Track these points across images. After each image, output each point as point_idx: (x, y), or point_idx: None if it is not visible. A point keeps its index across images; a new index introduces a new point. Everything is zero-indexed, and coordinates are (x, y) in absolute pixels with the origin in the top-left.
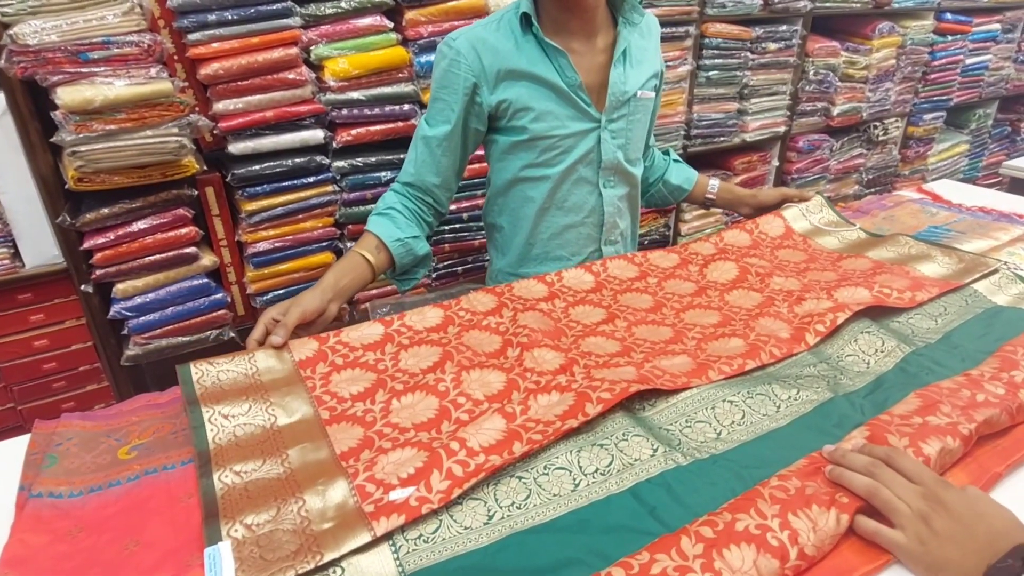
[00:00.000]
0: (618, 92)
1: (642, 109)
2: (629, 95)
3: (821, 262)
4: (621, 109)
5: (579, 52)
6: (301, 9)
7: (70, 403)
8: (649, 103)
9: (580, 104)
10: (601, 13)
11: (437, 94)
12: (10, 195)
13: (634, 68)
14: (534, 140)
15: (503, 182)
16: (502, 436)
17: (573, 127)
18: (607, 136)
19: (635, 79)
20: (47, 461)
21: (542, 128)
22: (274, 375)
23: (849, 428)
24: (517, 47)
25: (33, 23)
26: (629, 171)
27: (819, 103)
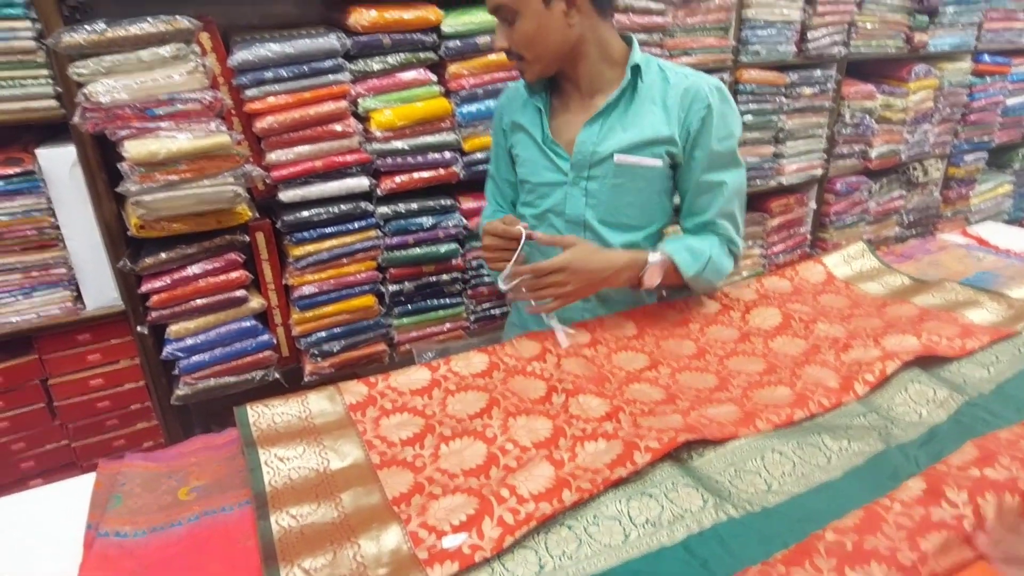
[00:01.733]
0: (584, 151)
1: (626, 175)
2: (601, 155)
3: (865, 308)
4: (593, 169)
5: (571, 109)
6: (351, 65)
7: (120, 441)
8: (641, 170)
9: (551, 156)
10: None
11: (494, 138)
12: (76, 241)
13: (620, 129)
14: (522, 182)
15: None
16: (551, 484)
17: (546, 176)
18: (575, 192)
19: (617, 139)
20: (113, 501)
21: (524, 172)
22: (326, 418)
23: (904, 480)
24: (523, 104)
25: (106, 82)
26: (604, 235)
27: (856, 145)
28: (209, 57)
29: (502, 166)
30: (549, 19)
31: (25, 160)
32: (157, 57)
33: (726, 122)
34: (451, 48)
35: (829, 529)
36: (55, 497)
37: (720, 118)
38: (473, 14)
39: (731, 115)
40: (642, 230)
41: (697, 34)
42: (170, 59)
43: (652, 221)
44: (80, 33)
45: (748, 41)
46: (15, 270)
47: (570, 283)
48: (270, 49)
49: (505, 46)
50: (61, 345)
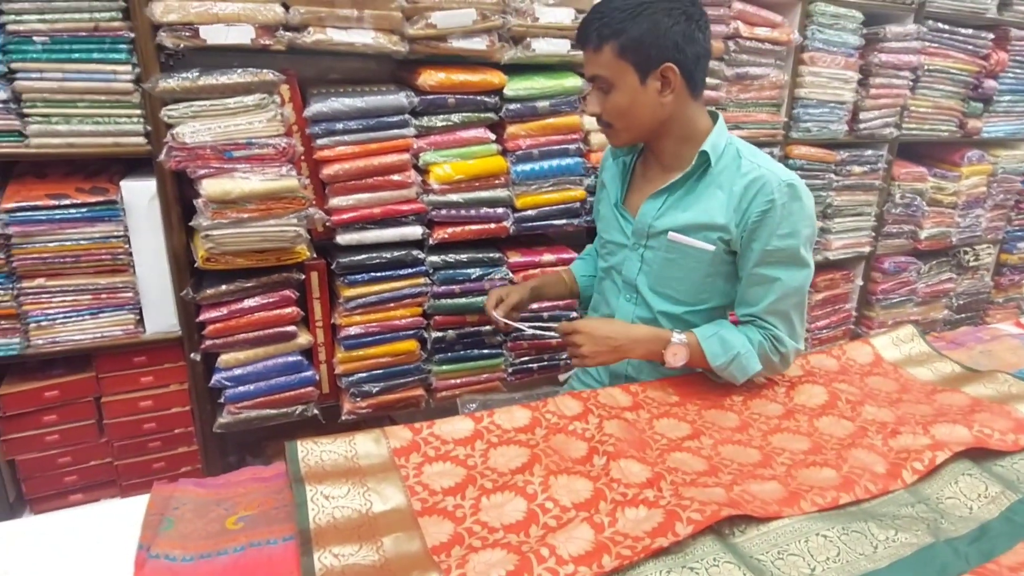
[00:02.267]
0: (644, 221)
1: (677, 252)
2: (657, 229)
3: (915, 394)
4: (650, 240)
5: (648, 178)
6: (415, 121)
7: (160, 463)
8: (691, 250)
9: (619, 220)
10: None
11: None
12: (144, 268)
13: (680, 208)
14: (600, 236)
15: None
16: (591, 547)
17: (614, 236)
18: (633, 256)
19: (674, 218)
20: (165, 523)
21: (600, 227)
22: (371, 460)
23: None
24: (615, 162)
25: (193, 124)
26: (652, 302)
27: (906, 226)
28: (287, 107)
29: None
30: (644, 96)
31: (110, 190)
32: (241, 105)
33: (791, 220)
34: (511, 110)
35: None
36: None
37: (784, 214)
38: (534, 80)
39: (799, 213)
40: (690, 306)
41: (750, 109)
42: (253, 107)
43: (701, 299)
44: (175, 79)
45: (799, 119)
46: (86, 291)
47: (584, 345)
48: (343, 103)
49: (597, 112)
50: (118, 365)
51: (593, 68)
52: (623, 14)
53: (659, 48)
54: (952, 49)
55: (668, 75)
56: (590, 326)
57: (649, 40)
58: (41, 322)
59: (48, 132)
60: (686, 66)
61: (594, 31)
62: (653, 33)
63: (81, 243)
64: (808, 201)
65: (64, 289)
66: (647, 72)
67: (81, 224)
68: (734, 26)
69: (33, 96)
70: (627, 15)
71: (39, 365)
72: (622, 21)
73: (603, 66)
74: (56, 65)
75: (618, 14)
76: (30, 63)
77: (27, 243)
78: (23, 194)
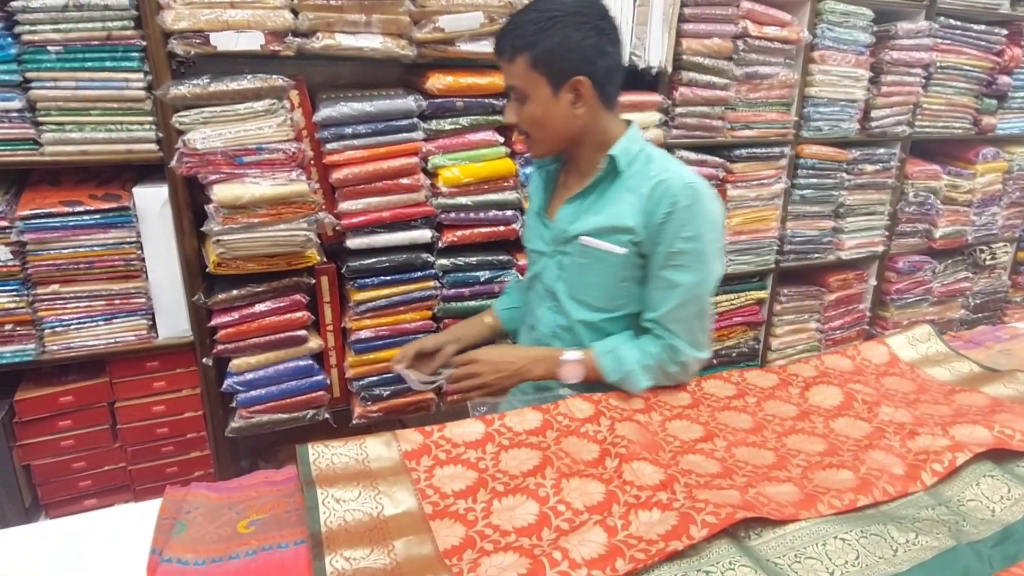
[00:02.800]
0: (559, 227)
1: (590, 256)
2: (570, 234)
3: (932, 394)
4: (564, 246)
5: (568, 183)
6: (424, 124)
7: (173, 468)
8: (603, 254)
9: (540, 227)
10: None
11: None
12: (157, 274)
13: (591, 212)
14: (524, 243)
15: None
16: (604, 550)
17: (535, 243)
18: (551, 264)
19: (585, 222)
20: (177, 527)
21: (524, 236)
22: (382, 463)
23: None
24: (538, 171)
25: (204, 131)
26: (570, 309)
27: (920, 224)
28: (296, 112)
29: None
30: (556, 107)
31: (123, 197)
32: (251, 110)
33: (695, 222)
34: None
35: None
36: (117, 520)
37: (688, 216)
38: None
39: (702, 216)
40: (607, 312)
41: (759, 108)
42: (262, 113)
43: (617, 305)
44: (186, 86)
45: (810, 117)
46: (100, 297)
47: (482, 374)
48: (352, 107)
49: (514, 121)
50: (131, 370)
51: (508, 79)
52: (535, 27)
53: (570, 61)
54: (965, 45)
55: (579, 88)
56: (487, 354)
57: (560, 53)
58: (56, 328)
59: (62, 140)
60: (597, 78)
61: (508, 43)
62: (564, 46)
63: (95, 249)
64: (712, 204)
65: (78, 295)
66: (559, 84)
67: (94, 230)
68: (743, 25)
69: (47, 105)
70: (539, 28)
71: (54, 371)
72: (534, 34)
73: (517, 77)
74: (70, 74)
75: (531, 27)
76: (44, 72)
77: (42, 250)
78: (38, 201)
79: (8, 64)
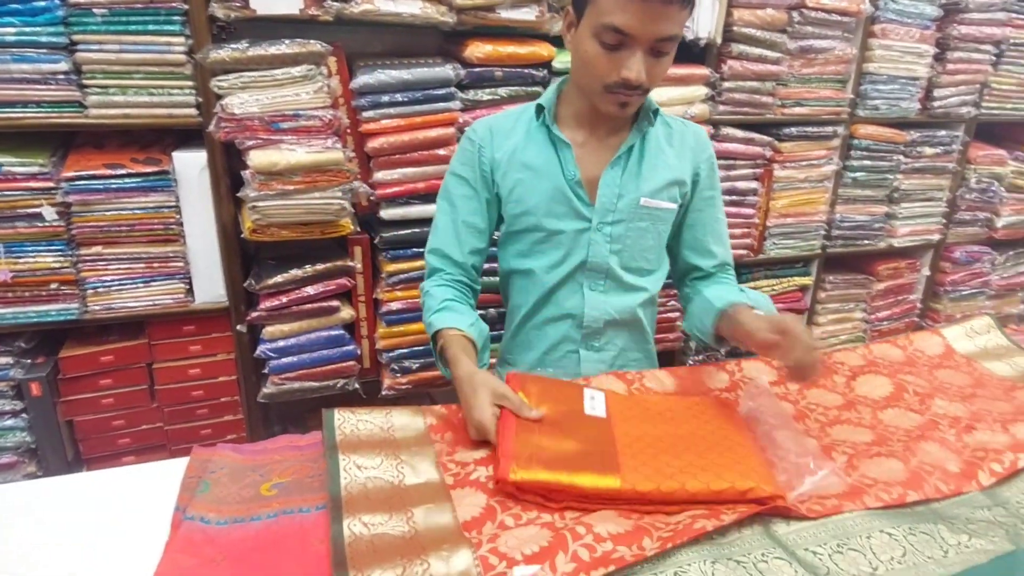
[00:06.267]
0: (609, 194)
1: (649, 218)
2: (626, 199)
3: (991, 389)
4: (618, 213)
5: (588, 146)
6: (462, 94)
7: (207, 430)
8: (662, 212)
9: (574, 201)
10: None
11: (461, 173)
12: (194, 238)
13: (643, 173)
14: (525, 231)
15: (504, 270)
16: (631, 528)
17: (563, 224)
18: (599, 238)
19: (641, 185)
20: (201, 486)
21: (531, 219)
22: (407, 433)
23: None
24: (527, 138)
25: (242, 95)
26: (627, 280)
27: (981, 213)
28: (334, 79)
29: (470, 209)
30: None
31: (163, 161)
32: (289, 76)
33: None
34: None
35: None
36: (148, 475)
37: (715, 160)
38: None
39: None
40: (655, 273)
41: (813, 85)
42: (300, 78)
43: (662, 264)
44: (225, 50)
45: (867, 95)
46: (139, 259)
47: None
48: (389, 75)
49: (643, 80)
50: (169, 333)
51: (670, 27)
52: None
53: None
54: None
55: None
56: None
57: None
58: (98, 288)
59: (106, 103)
60: None
61: None
62: None
63: (136, 212)
64: None
65: (119, 257)
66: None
67: (135, 194)
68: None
69: (92, 67)
70: None
71: (96, 331)
72: None
73: (679, 23)
74: (114, 37)
75: None
76: (90, 35)
77: (86, 211)
78: (82, 163)
79: (56, 26)
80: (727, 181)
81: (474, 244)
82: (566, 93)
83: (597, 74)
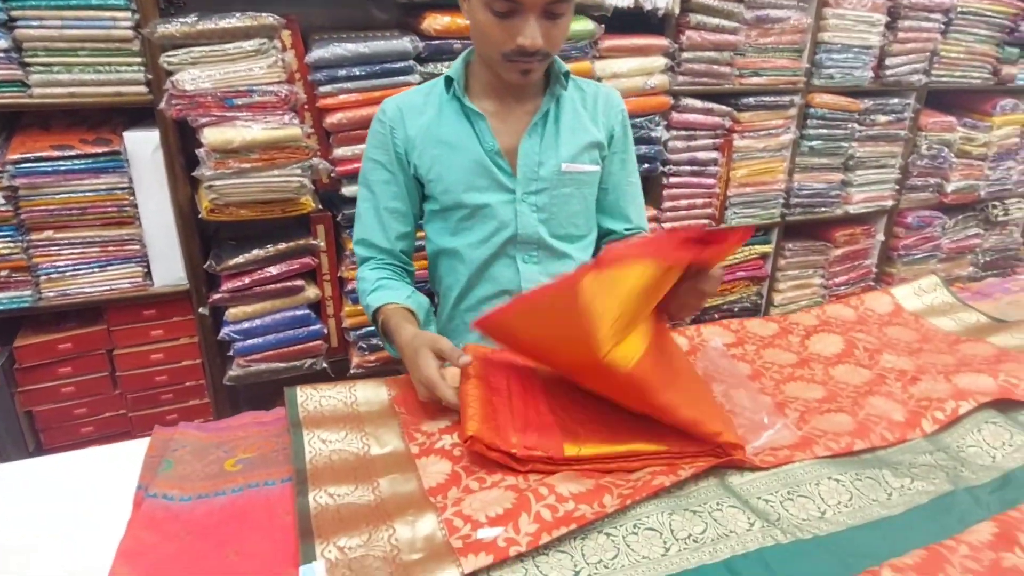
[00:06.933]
0: (530, 163)
1: (573, 183)
2: (547, 166)
3: (936, 344)
4: (540, 181)
5: (501, 115)
6: (421, 67)
7: (173, 415)
8: (585, 176)
9: (496, 173)
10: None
11: (376, 157)
12: (150, 220)
13: (561, 138)
14: (449, 209)
15: (431, 252)
16: (592, 487)
17: (487, 197)
18: (525, 208)
19: (561, 150)
20: (163, 464)
21: (452, 196)
22: (371, 407)
23: (972, 524)
24: (439, 112)
25: (192, 71)
26: (559, 248)
27: (932, 179)
28: (288, 53)
29: (391, 194)
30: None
31: (114, 141)
32: (241, 50)
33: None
34: None
35: (886, 566)
36: (110, 457)
37: (628, 120)
38: None
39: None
40: (585, 239)
41: (769, 55)
42: (252, 53)
43: (591, 228)
44: (173, 25)
45: (822, 64)
46: (94, 243)
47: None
48: (346, 48)
49: (540, 45)
50: (128, 318)
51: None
52: None
53: None
54: None
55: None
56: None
57: None
58: (51, 274)
59: (50, 82)
60: None
61: None
62: None
63: (87, 195)
64: None
65: (72, 241)
66: None
67: (86, 176)
68: None
69: (34, 45)
70: None
71: (52, 318)
72: None
73: None
74: (55, 12)
75: None
76: (29, 11)
77: (34, 195)
78: (28, 145)
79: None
80: (688, 152)
81: (399, 229)
82: (473, 64)
83: (493, 43)
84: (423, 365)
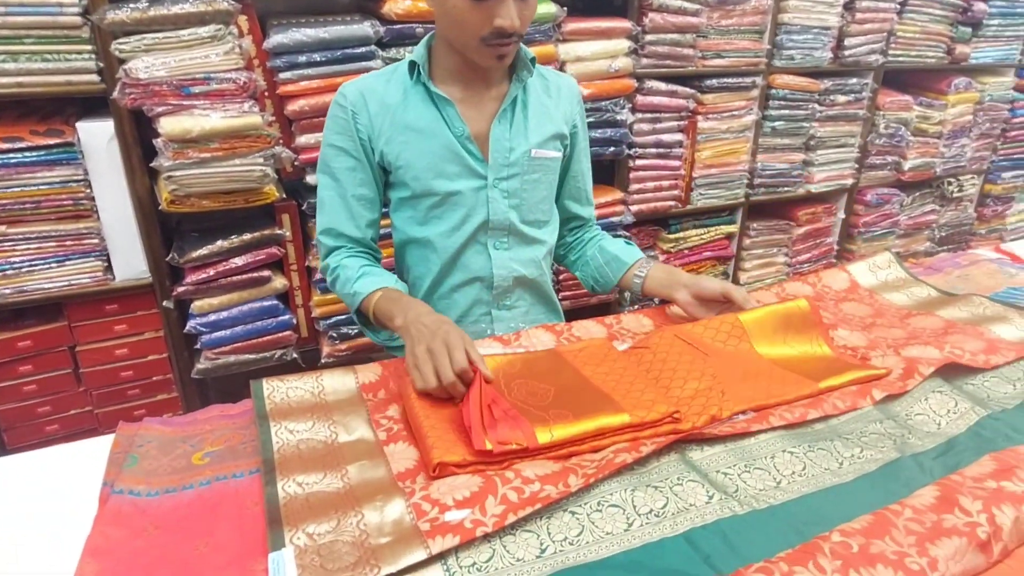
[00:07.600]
0: (501, 148)
1: (541, 169)
2: (517, 152)
3: (888, 318)
4: (511, 167)
5: (469, 101)
6: (383, 52)
7: (141, 411)
8: (551, 162)
9: (467, 159)
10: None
11: (338, 144)
12: (108, 213)
13: (529, 124)
14: (418, 197)
15: (399, 241)
16: (558, 469)
17: (458, 184)
18: (496, 195)
19: (530, 136)
20: (129, 460)
21: (425, 184)
22: (338, 396)
23: (917, 489)
24: (405, 98)
25: (146, 59)
26: (528, 234)
27: (889, 157)
28: (246, 39)
29: (357, 180)
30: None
31: (66, 132)
32: (196, 37)
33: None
34: None
35: (836, 531)
36: (75, 455)
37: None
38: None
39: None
40: (550, 224)
41: (731, 36)
42: (208, 39)
43: (554, 214)
44: (124, 11)
45: (783, 45)
46: (50, 238)
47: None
48: (305, 34)
49: (516, 26)
50: (90, 314)
51: None
52: None
53: None
54: None
55: None
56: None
57: None
58: (6, 271)
59: None
60: None
61: None
62: None
63: (41, 188)
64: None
65: (27, 236)
66: None
67: (38, 168)
68: None
69: None
70: None
71: (10, 316)
72: None
73: None
74: None
75: None
76: None
77: None
78: None
79: None
80: (653, 134)
81: (368, 216)
82: (436, 49)
83: (469, 28)
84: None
